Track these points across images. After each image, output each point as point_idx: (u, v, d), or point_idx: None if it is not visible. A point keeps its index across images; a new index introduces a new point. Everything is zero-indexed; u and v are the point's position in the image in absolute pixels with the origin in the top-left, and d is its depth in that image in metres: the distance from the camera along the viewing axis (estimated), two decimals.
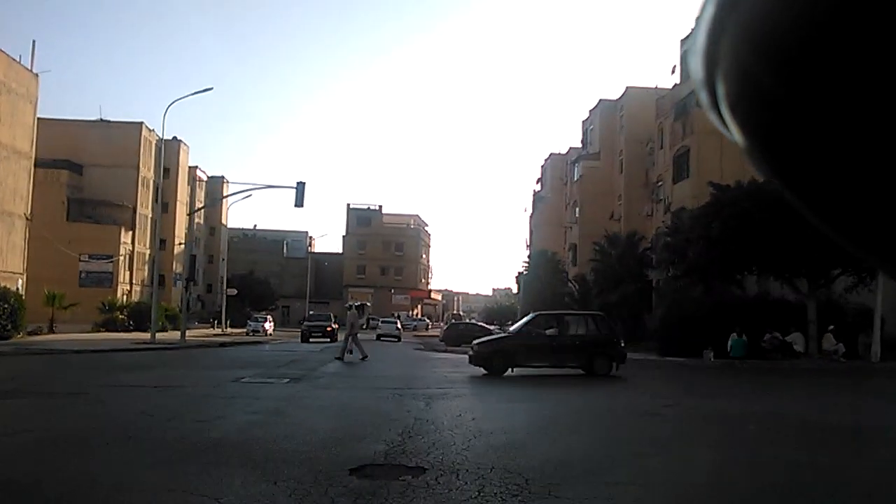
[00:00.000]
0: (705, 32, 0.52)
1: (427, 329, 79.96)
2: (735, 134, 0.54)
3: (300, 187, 32.50)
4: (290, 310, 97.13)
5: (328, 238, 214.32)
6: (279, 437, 9.29)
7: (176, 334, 38.31)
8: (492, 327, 50.30)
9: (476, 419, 11.65)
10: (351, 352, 25.35)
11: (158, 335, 35.57)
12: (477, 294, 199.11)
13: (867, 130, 0.46)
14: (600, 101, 55.13)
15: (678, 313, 30.74)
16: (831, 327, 28.62)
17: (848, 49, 0.45)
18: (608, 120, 53.36)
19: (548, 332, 22.08)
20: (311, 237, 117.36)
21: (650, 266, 42.26)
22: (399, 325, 57.83)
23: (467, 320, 71.85)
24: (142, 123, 63.23)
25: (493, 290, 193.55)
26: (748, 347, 28.57)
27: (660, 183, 45.28)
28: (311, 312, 55.04)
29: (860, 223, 0.51)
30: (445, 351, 37.20)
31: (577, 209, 54.90)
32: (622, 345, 22.34)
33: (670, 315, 31.60)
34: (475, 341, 23.37)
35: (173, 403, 12.75)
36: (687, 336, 29.32)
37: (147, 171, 65.71)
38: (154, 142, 67.24)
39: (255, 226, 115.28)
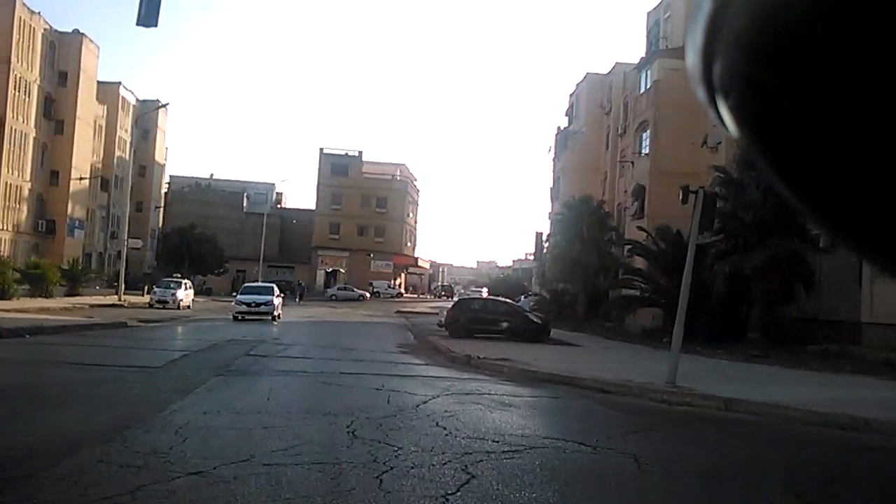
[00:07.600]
0: (702, 29, 0.53)
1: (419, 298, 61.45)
2: (730, 126, 0.55)
3: None
4: (245, 274, 79.96)
5: (299, 192, 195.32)
6: None
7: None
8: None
9: None
10: None
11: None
12: (462, 266, 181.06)
13: (857, 125, 0.47)
14: None
15: None
16: None
17: (839, 47, 0.45)
18: None
19: None
20: (277, 192, 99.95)
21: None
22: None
23: (470, 293, 53.82)
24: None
25: (478, 262, 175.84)
26: None
27: None
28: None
29: (849, 213, 0.52)
30: (470, 362, 17.35)
31: (646, 133, 37.06)
32: None
33: None
34: None
35: None
36: None
37: (28, 69, 46.93)
38: (42, 31, 48.45)
39: (212, 175, 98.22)
